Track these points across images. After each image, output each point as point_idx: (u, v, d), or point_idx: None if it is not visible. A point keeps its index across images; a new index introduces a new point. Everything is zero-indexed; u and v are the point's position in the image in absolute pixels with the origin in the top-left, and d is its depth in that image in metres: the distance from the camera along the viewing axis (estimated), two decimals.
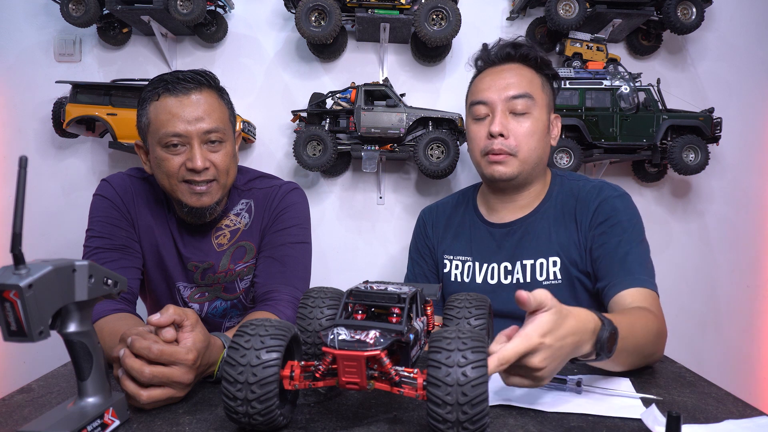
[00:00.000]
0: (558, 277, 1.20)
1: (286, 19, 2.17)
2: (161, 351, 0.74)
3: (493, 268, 1.27)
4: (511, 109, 1.22)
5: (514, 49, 1.25)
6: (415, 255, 1.44)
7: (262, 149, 2.18)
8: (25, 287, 0.55)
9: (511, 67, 1.25)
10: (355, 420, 0.72)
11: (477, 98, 1.25)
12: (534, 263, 1.22)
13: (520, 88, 1.21)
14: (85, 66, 2.15)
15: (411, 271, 1.44)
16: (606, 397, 0.80)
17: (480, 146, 1.24)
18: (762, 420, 0.70)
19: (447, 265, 1.34)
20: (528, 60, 1.25)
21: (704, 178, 2.21)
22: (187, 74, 1.12)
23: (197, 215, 1.16)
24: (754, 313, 2.29)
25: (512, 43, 1.26)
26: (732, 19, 2.25)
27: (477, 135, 1.25)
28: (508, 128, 1.21)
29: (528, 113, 1.21)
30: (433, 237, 1.40)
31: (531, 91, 1.22)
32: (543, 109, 1.24)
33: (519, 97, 1.21)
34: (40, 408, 0.77)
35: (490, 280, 1.27)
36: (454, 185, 2.20)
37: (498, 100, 1.22)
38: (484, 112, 1.24)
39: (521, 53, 1.25)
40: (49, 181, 2.15)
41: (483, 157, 1.24)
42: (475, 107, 1.26)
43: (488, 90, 1.23)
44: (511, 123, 1.21)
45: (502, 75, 1.24)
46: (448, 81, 2.20)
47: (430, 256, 1.40)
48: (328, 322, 0.80)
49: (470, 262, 1.31)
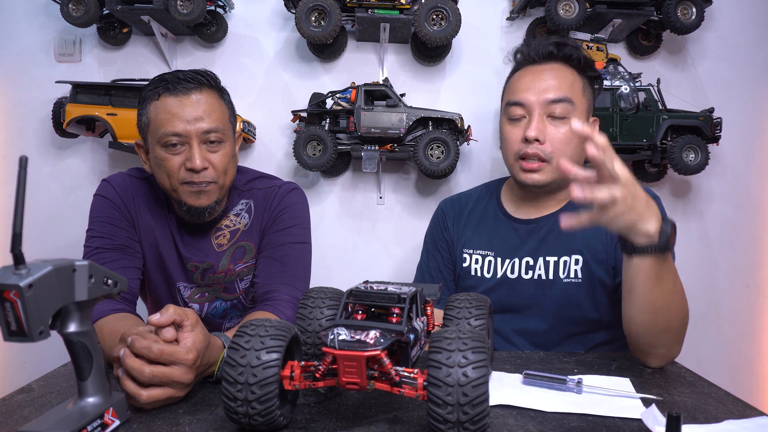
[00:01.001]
0: (579, 276, 1.17)
1: (286, 19, 2.17)
2: (161, 351, 0.74)
3: (515, 262, 1.24)
4: (549, 113, 1.16)
5: (557, 47, 1.19)
6: (431, 247, 1.40)
7: (262, 149, 2.18)
8: (25, 287, 0.55)
9: (552, 68, 1.19)
10: (355, 420, 0.72)
11: (514, 98, 1.20)
12: (558, 260, 1.19)
13: (560, 91, 1.16)
14: (85, 66, 2.15)
15: (425, 262, 1.40)
16: (606, 397, 0.80)
17: (514, 149, 1.20)
18: (762, 420, 0.70)
19: (466, 259, 1.30)
20: (571, 60, 1.19)
21: (704, 178, 2.21)
22: (187, 74, 1.12)
23: (197, 215, 1.16)
24: (754, 313, 2.29)
25: (555, 42, 1.20)
26: (732, 19, 2.25)
27: (511, 137, 1.20)
28: (545, 133, 1.15)
29: (567, 118, 1.16)
30: (452, 230, 1.36)
31: (571, 95, 1.16)
32: (582, 114, 1.19)
33: (559, 101, 1.15)
34: (40, 408, 0.77)
35: (510, 275, 1.24)
36: (454, 185, 2.20)
37: (536, 103, 1.16)
38: (520, 113, 1.19)
39: (564, 53, 1.19)
40: (49, 181, 2.15)
41: (516, 161, 1.20)
42: (511, 108, 1.20)
43: (527, 91, 1.18)
44: (549, 128, 1.16)
45: (542, 75, 1.18)
46: (448, 81, 2.20)
47: (447, 249, 1.36)
48: (328, 322, 0.80)
49: (491, 257, 1.27)
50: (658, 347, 0.95)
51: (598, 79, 1.26)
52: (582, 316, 1.18)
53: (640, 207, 0.83)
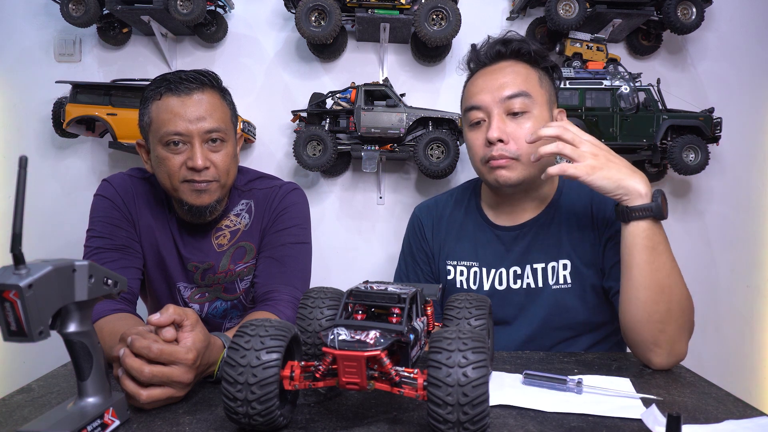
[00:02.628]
0: (568, 281, 1.15)
1: (286, 19, 2.17)
2: (161, 350, 0.74)
3: (501, 273, 1.20)
4: (508, 110, 1.12)
5: (504, 45, 1.17)
6: (410, 259, 1.34)
7: (262, 149, 2.18)
8: (25, 287, 0.55)
9: (504, 66, 1.16)
10: (355, 420, 0.72)
11: (470, 103, 1.17)
12: (545, 267, 1.17)
13: (514, 86, 1.12)
14: (85, 66, 2.15)
15: (404, 273, 1.35)
16: (606, 397, 0.80)
17: (479, 155, 1.16)
18: (762, 420, 0.70)
19: (451, 271, 1.26)
20: (521, 55, 1.16)
21: (704, 178, 2.21)
22: (189, 74, 1.13)
23: (197, 214, 1.16)
24: (753, 313, 2.29)
25: (502, 40, 1.18)
26: (732, 19, 2.25)
27: (475, 143, 1.17)
28: (507, 132, 1.12)
29: (527, 112, 1.12)
30: (432, 241, 1.31)
31: (527, 89, 1.13)
32: (543, 106, 1.15)
33: (515, 96, 1.12)
34: (40, 408, 0.77)
35: (498, 286, 1.20)
36: (454, 185, 2.19)
37: (492, 103, 1.13)
38: (479, 116, 1.15)
39: (512, 49, 1.16)
40: (49, 181, 2.15)
41: (484, 165, 1.15)
42: (469, 113, 1.17)
43: (481, 93, 1.15)
44: (510, 125, 1.12)
45: (494, 75, 1.15)
46: (448, 81, 2.20)
47: (426, 261, 1.31)
48: (328, 322, 0.80)
49: (476, 268, 1.23)
50: (661, 339, 0.93)
51: (556, 69, 1.23)
52: (571, 319, 1.16)
53: (620, 162, 0.97)
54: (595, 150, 0.97)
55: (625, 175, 0.95)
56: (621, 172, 0.95)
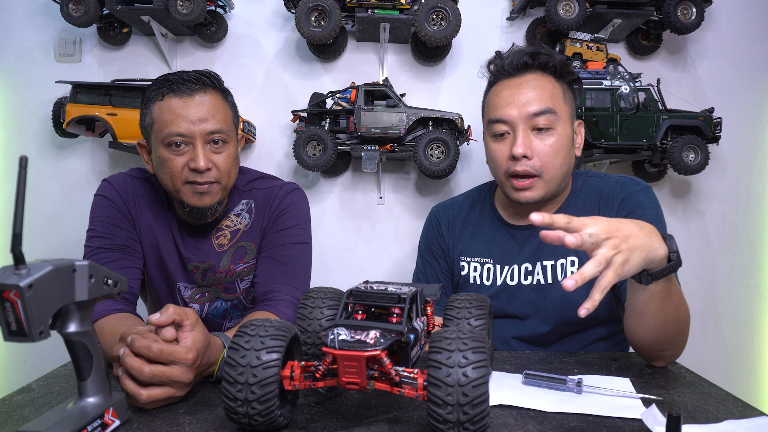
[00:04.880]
0: None
1: (286, 19, 2.17)
2: (161, 350, 0.74)
3: (513, 269, 1.23)
4: (533, 126, 1.14)
5: (531, 57, 1.16)
6: (427, 255, 1.38)
7: (262, 149, 2.18)
8: (26, 287, 0.55)
9: (530, 79, 1.16)
10: (355, 420, 0.72)
11: (496, 116, 1.17)
12: (555, 264, 1.19)
13: (541, 103, 1.13)
14: (85, 66, 2.15)
15: (422, 270, 1.38)
16: (606, 397, 0.80)
17: (503, 167, 1.17)
18: (762, 420, 0.70)
19: (465, 267, 1.29)
20: (548, 68, 1.17)
21: (704, 178, 2.21)
22: (191, 75, 1.12)
23: (199, 215, 1.16)
24: (753, 313, 2.29)
25: (530, 52, 1.17)
26: (732, 19, 2.25)
27: (498, 155, 1.18)
28: (532, 147, 1.13)
29: (552, 128, 1.14)
30: (448, 237, 1.34)
31: (553, 105, 1.14)
32: (566, 121, 1.17)
33: (541, 113, 1.13)
34: (40, 408, 0.77)
35: (509, 281, 1.23)
36: (454, 185, 2.20)
37: (518, 118, 1.14)
38: (504, 129, 1.16)
39: (540, 62, 1.16)
40: (49, 181, 2.15)
41: (507, 179, 1.17)
42: (494, 125, 1.18)
43: (507, 107, 1.15)
44: (534, 141, 1.14)
45: (521, 89, 1.15)
46: (448, 81, 2.20)
47: (443, 257, 1.34)
48: (328, 322, 0.80)
49: (490, 264, 1.26)
50: (666, 351, 0.97)
51: (578, 81, 1.24)
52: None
53: (640, 240, 0.81)
54: (615, 242, 0.79)
55: (647, 251, 0.82)
56: (643, 251, 0.82)
